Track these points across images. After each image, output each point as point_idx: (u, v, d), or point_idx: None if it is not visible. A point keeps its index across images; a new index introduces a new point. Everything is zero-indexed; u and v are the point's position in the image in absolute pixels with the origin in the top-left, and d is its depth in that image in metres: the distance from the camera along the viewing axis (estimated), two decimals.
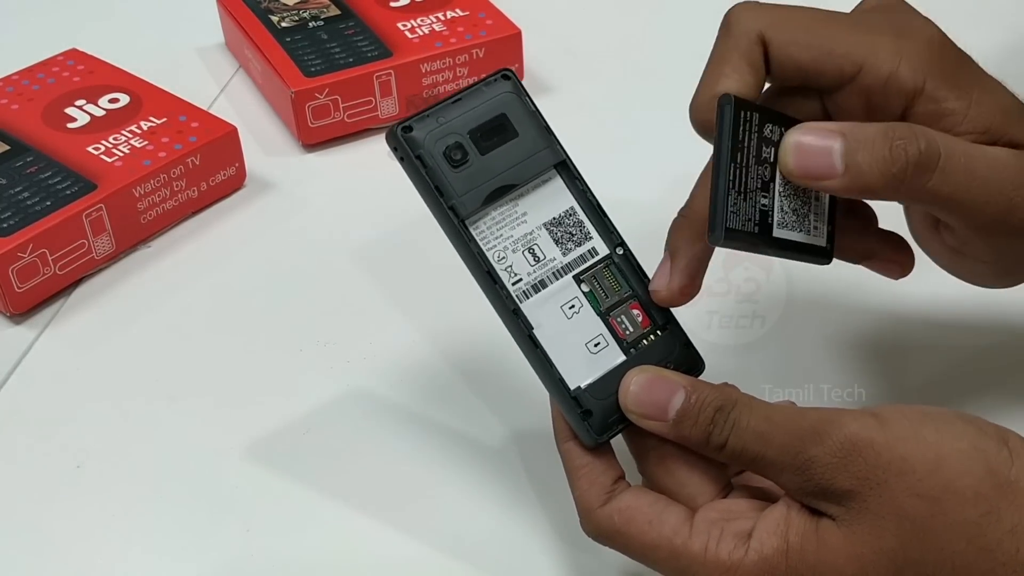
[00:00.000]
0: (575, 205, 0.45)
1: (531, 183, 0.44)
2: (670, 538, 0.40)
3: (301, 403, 0.55)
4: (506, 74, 0.44)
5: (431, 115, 0.43)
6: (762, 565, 0.38)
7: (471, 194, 0.43)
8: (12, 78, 0.73)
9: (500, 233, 0.43)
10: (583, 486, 0.42)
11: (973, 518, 0.37)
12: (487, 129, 0.43)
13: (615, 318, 0.44)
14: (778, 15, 0.43)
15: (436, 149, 0.43)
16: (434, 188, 0.42)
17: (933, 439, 0.38)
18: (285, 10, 0.79)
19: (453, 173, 0.43)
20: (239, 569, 0.48)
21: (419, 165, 0.42)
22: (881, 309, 0.58)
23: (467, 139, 0.43)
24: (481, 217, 0.43)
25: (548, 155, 0.44)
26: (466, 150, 0.43)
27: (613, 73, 0.79)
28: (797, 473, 0.39)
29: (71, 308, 0.62)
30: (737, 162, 0.41)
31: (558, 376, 0.43)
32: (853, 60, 0.42)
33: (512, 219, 0.44)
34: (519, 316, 0.43)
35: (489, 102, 0.44)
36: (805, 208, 0.44)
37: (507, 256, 0.43)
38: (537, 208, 0.44)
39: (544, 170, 0.44)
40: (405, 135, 0.42)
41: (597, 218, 0.45)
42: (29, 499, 0.52)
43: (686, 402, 0.41)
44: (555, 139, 0.44)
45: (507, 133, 0.44)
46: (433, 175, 0.42)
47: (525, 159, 0.44)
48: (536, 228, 0.44)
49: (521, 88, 0.44)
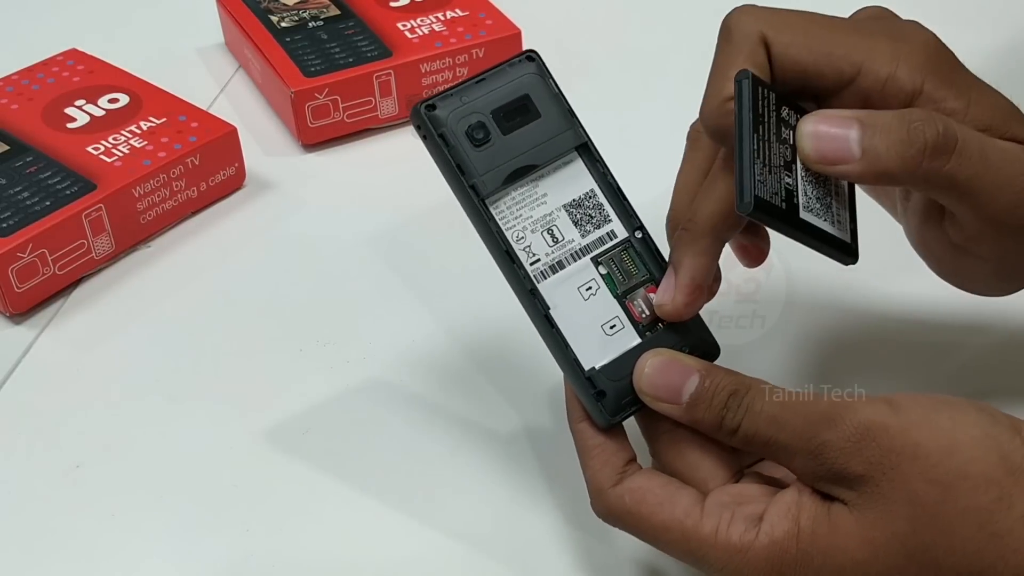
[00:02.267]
0: (595, 188, 0.45)
1: (552, 164, 0.44)
2: (681, 520, 0.40)
3: (301, 403, 0.55)
4: (530, 55, 0.44)
5: (455, 94, 0.43)
6: (772, 548, 0.39)
7: (492, 173, 0.43)
8: (12, 78, 0.73)
9: (520, 213, 0.44)
10: (595, 466, 0.43)
11: (985, 504, 0.37)
12: (510, 109, 0.44)
13: (632, 301, 0.44)
14: (778, 18, 0.43)
15: (459, 128, 0.43)
16: (455, 167, 0.43)
17: (946, 425, 0.38)
18: (285, 10, 0.79)
19: (475, 152, 0.43)
20: (239, 569, 0.48)
21: (441, 143, 0.43)
22: (881, 309, 0.58)
23: (489, 119, 0.43)
24: (501, 197, 0.43)
25: (570, 137, 0.44)
26: (488, 130, 0.43)
27: (613, 73, 0.79)
28: (810, 457, 0.39)
29: (71, 308, 0.62)
30: (760, 134, 0.40)
31: (573, 356, 0.43)
32: (852, 62, 0.43)
33: (532, 200, 0.44)
34: (536, 296, 0.43)
35: (513, 83, 0.44)
36: (828, 197, 0.43)
37: (526, 236, 0.44)
38: (557, 189, 0.44)
39: (565, 152, 0.44)
40: (428, 113, 0.43)
41: (617, 201, 0.45)
42: (29, 499, 0.52)
43: (700, 386, 0.41)
44: (577, 121, 0.44)
45: (530, 114, 0.44)
46: (455, 153, 0.43)
47: (547, 140, 0.44)
48: (556, 209, 0.44)
49: (545, 70, 0.44)
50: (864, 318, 0.58)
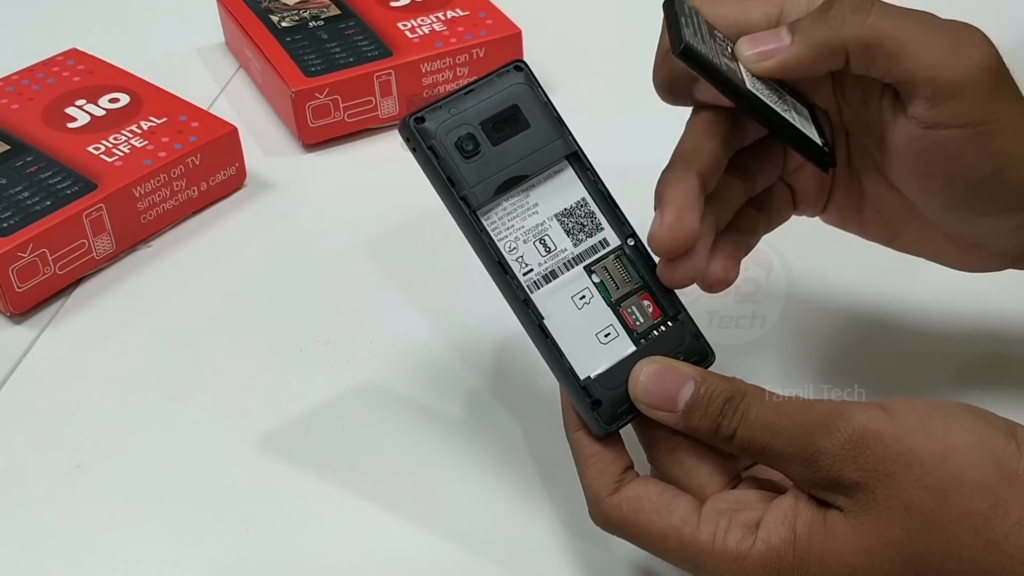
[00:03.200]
0: (586, 196, 0.45)
1: (543, 174, 0.44)
2: (678, 527, 0.40)
3: (301, 403, 0.55)
4: (519, 65, 0.44)
5: (443, 106, 0.43)
6: (769, 555, 0.39)
7: (483, 185, 0.43)
8: (12, 78, 0.73)
9: (511, 224, 0.44)
10: (592, 475, 0.42)
11: (980, 510, 0.37)
12: (499, 120, 0.43)
13: (625, 309, 0.44)
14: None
15: (448, 140, 0.43)
16: (446, 179, 0.43)
17: (941, 431, 0.38)
18: (285, 10, 0.79)
19: (465, 164, 0.43)
20: (239, 569, 0.48)
21: (431, 156, 0.43)
22: (881, 309, 0.58)
23: (479, 130, 0.43)
24: (493, 208, 0.43)
25: (560, 146, 0.44)
26: (478, 141, 0.43)
27: (613, 73, 0.79)
28: (805, 464, 0.39)
29: (71, 308, 0.62)
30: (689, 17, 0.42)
31: (568, 366, 0.43)
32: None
33: (523, 210, 0.44)
34: (530, 306, 0.43)
35: (501, 93, 0.44)
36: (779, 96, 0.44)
37: (518, 247, 0.44)
38: (548, 199, 0.44)
39: (556, 161, 0.44)
40: (417, 126, 0.43)
41: (608, 209, 0.45)
42: (29, 499, 0.52)
43: (695, 393, 0.41)
44: (567, 130, 0.44)
45: (519, 124, 0.44)
46: (445, 165, 0.43)
47: (537, 150, 0.44)
48: (547, 219, 0.44)
49: (533, 79, 0.44)
50: (864, 318, 0.58)
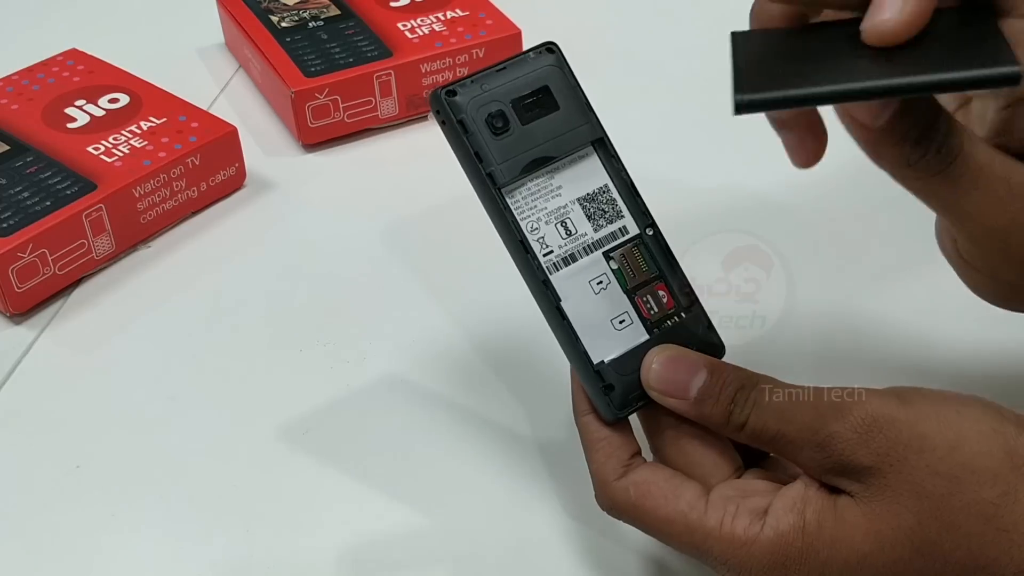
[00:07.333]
0: (609, 183, 0.45)
1: (568, 157, 0.44)
2: (685, 513, 0.40)
3: (301, 403, 0.55)
4: (550, 47, 0.44)
5: (475, 81, 0.43)
6: (778, 541, 0.39)
7: (509, 163, 0.43)
8: (12, 78, 0.73)
9: (535, 204, 0.44)
10: (600, 459, 0.43)
11: (990, 498, 0.37)
12: (530, 100, 0.44)
13: (641, 297, 0.44)
14: None
15: (479, 115, 0.43)
16: (473, 154, 0.43)
17: (954, 419, 0.38)
18: (285, 10, 0.79)
19: (494, 140, 0.43)
20: (239, 569, 0.48)
21: (460, 130, 0.43)
22: (881, 309, 0.58)
23: (509, 108, 0.43)
24: (517, 187, 0.43)
25: (587, 131, 0.44)
26: (508, 119, 0.43)
27: (613, 73, 0.79)
28: (817, 449, 0.39)
29: (71, 308, 0.62)
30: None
31: (582, 349, 0.43)
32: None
33: (547, 191, 0.44)
34: (548, 287, 0.43)
35: (533, 73, 0.44)
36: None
37: (540, 227, 0.44)
38: (572, 182, 0.44)
39: (582, 145, 0.44)
40: (448, 99, 0.43)
41: (630, 197, 0.45)
42: (29, 499, 0.52)
43: (708, 381, 0.41)
44: (595, 116, 0.45)
45: (549, 105, 0.44)
46: (474, 141, 0.43)
47: (564, 133, 0.44)
48: (570, 202, 0.44)
49: (565, 62, 0.44)
50: (864, 319, 0.58)
